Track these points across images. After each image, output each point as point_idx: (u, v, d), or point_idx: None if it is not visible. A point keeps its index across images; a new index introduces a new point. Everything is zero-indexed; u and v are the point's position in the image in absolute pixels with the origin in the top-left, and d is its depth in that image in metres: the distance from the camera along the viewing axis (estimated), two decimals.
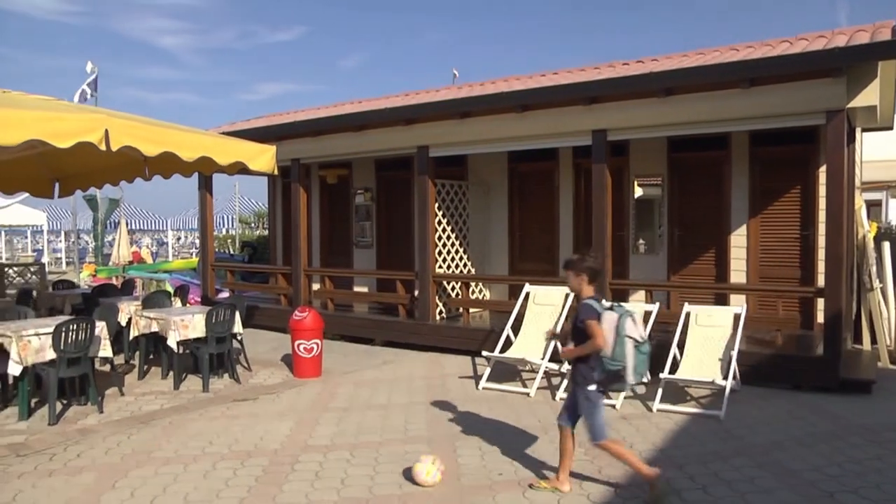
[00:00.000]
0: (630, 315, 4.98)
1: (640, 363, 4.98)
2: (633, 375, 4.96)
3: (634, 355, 4.93)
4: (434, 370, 9.62)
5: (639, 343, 4.95)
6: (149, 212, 35.55)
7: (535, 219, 12.63)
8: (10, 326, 7.57)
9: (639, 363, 4.96)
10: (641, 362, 4.98)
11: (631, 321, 4.94)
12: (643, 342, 4.97)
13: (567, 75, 11.19)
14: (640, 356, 4.96)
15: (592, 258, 5.18)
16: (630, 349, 4.91)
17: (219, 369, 9.16)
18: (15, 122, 6.66)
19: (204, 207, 14.67)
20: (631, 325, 4.93)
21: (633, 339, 4.92)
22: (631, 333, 4.92)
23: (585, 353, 5.00)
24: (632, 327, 4.93)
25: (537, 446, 6.22)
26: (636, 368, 4.95)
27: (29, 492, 5.34)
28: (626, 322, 4.91)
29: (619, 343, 4.89)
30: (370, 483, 5.41)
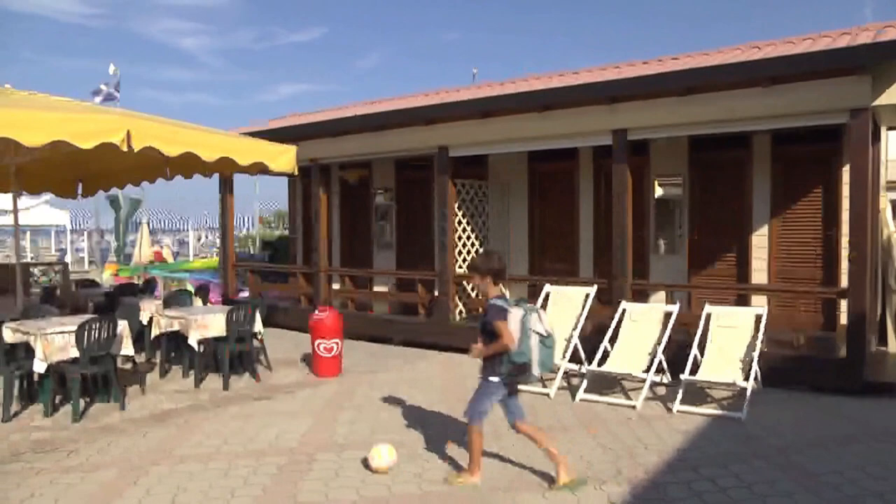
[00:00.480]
0: (535, 311, 5.23)
1: (546, 356, 5.24)
2: (538, 367, 5.23)
3: (539, 349, 5.19)
4: (453, 370, 9.61)
5: (543, 337, 5.21)
6: (170, 212, 35.85)
7: (556, 219, 12.59)
8: (35, 325, 7.67)
9: (544, 356, 5.23)
10: (547, 355, 5.25)
11: (536, 317, 5.20)
12: (548, 336, 5.22)
13: (587, 75, 11.16)
14: (545, 350, 5.23)
15: (496, 259, 5.43)
16: (535, 343, 5.17)
17: (239, 368, 9.22)
18: (39, 124, 6.77)
19: (225, 207, 14.75)
20: (536, 321, 5.19)
21: (538, 333, 5.19)
22: (536, 328, 5.18)
23: (495, 351, 5.21)
24: (537, 323, 5.19)
25: (558, 446, 6.17)
26: (541, 361, 5.21)
27: (52, 487, 5.41)
28: (531, 318, 5.17)
29: (524, 337, 5.13)
30: (389, 482, 5.41)
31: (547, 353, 5.25)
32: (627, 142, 9.40)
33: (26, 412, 7.57)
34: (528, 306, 5.25)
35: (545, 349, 5.23)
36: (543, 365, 5.25)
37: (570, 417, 7.18)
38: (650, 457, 5.90)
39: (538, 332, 5.20)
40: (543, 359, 5.23)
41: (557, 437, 6.47)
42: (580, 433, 6.62)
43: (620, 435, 6.53)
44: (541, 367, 5.25)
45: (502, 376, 5.27)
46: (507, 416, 5.50)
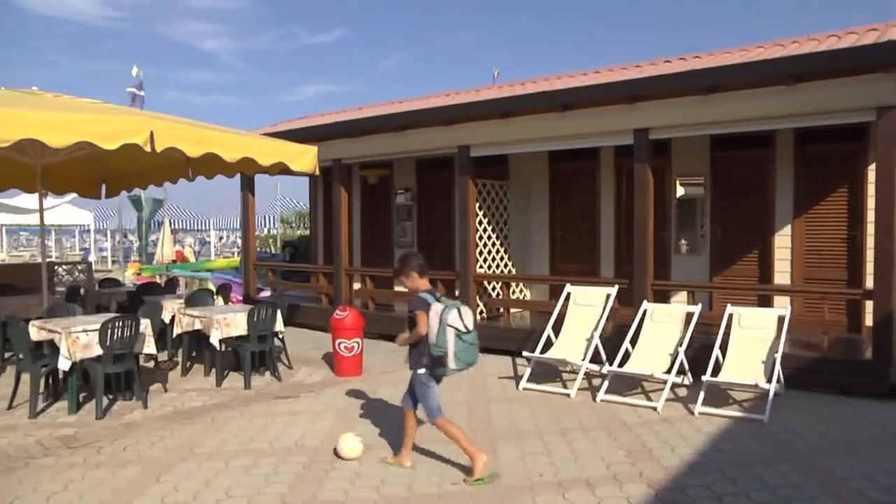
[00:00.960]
0: (456, 307, 5.45)
1: (462, 350, 5.42)
2: (455, 361, 5.42)
3: (455, 343, 5.39)
4: (474, 370, 9.58)
5: (461, 332, 5.41)
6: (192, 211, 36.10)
7: (577, 219, 12.56)
8: (60, 323, 7.79)
9: (460, 350, 5.41)
10: (463, 349, 5.42)
11: (456, 313, 5.41)
12: (466, 332, 5.43)
13: (609, 74, 11.11)
14: (462, 344, 5.41)
15: (415, 257, 5.78)
16: (451, 337, 5.39)
17: (260, 367, 9.28)
18: (64, 125, 6.85)
19: (246, 207, 14.85)
20: (454, 317, 5.40)
21: (454, 328, 5.39)
22: (453, 323, 5.39)
23: (412, 340, 5.56)
24: (455, 318, 5.40)
25: (578, 448, 6.19)
26: (457, 355, 5.41)
27: (80, 482, 5.51)
28: (450, 313, 5.39)
29: (441, 331, 5.37)
30: (409, 482, 5.43)
31: (462, 346, 5.43)
32: (649, 141, 9.36)
33: (52, 409, 7.70)
34: (452, 303, 5.50)
35: (462, 343, 5.42)
36: (461, 359, 5.44)
37: (590, 418, 7.15)
38: (671, 458, 5.87)
39: (455, 327, 5.40)
40: (460, 353, 5.42)
41: (578, 437, 6.47)
42: (600, 433, 6.60)
43: (641, 436, 6.51)
44: (458, 361, 5.44)
45: (426, 368, 5.54)
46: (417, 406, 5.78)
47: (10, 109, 6.76)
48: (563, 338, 8.90)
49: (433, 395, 5.61)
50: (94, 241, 38.71)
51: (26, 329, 7.79)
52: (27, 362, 7.67)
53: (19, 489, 5.38)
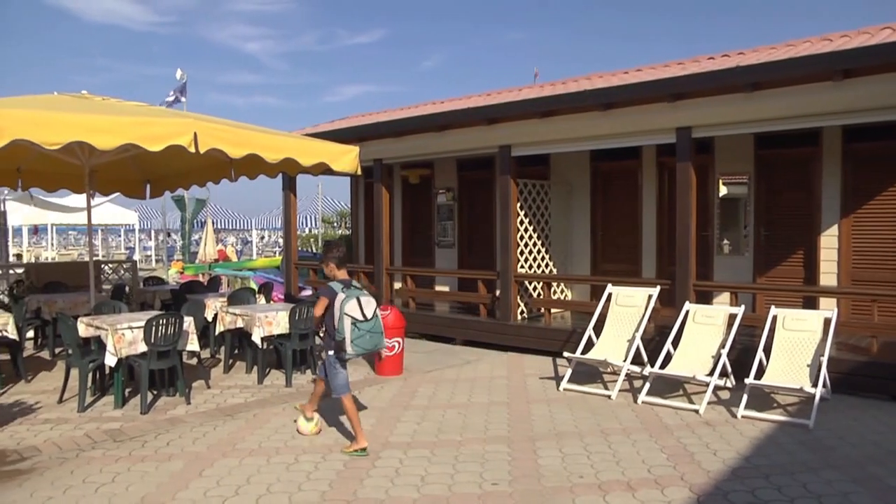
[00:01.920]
0: (356, 297, 5.95)
1: (358, 338, 5.95)
2: (352, 347, 5.96)
3: (352, 330, 5.92)
4: (515, 370, 9.60)
5: (357, 321, 5.93)
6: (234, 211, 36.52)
7: (618, 218, 12.46)
8: (107, 320, 7.98)
9: (356, 337, 5.94)
10: (359, 337, 5.95)
11: (354, 302, 5.93)
12: (364, 320, 5.95)
13: (651, 71, 10.99)
14: (357, 332, 5.94)
15: (335, 248, 6.31)
16: (348, 324, 5.91)
17: (301, 365, 9.36)
18: (111, 128, 7.01)
19: (288, 207, 14.99)
20: (352, 306, 5.92)
21: (351, 316, 5.91)
22: (350, 312, 5.91)
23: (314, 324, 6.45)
24: (352, 307, 5.92)
25: (619, 450, 6.14)
26: (354, 341, 5.94)
27: (125, 475, 5.65)
28: (349, 303, 5.91)
29: (340, 319, 5.91)
30: (450, 482, 5.43)
31: (359, 334, 5.95)
32: (691, 140, 9.26)
33: (99, 403, 7.92)
34: (353, 292, 5.99)
35: (358, 331, 5.93)
36: (357, 346, 5.97)
37: (631, 420, 7.10)
38: (714, 462, 5.79)
39: (351, 316, 5.91)
40: (356, 340, 5.94)
41: (619, 439, 6.43)
42: (641, 436, 6.54)
43: (683, 439, 6.43)
44: (354, 347, 5.96)
45: (333, 350, 6.09)
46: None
47: (61, 113, 6.95)
48: (605, 338, 8.84)
49: (339, 374, 6.16)
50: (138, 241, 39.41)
51: (75, 325, 7.99)
52: (76, 358, 7.87)
53: (70, 479, 5.56)
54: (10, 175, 11.12)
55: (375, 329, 6.06)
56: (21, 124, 6.46)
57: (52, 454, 6.17)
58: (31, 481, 5.52)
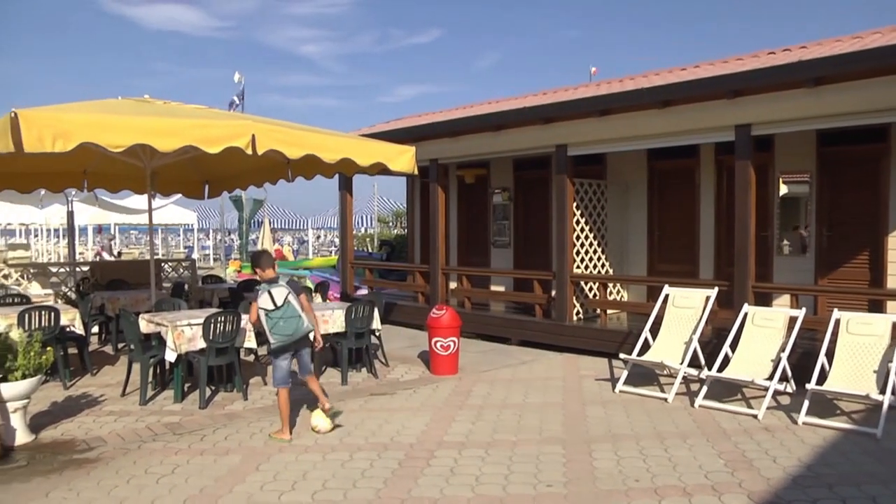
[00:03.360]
0: (267, 291, 6.37)
1: (273, 325, 6.38)
2: (272, 336, 6.42)
3: (266, 320, 6.39)
4: (570, 371, 9.55)
5: (267, 310, 6.36)
6: (290, 211, 36.99)
7: (675, 218, 12.29)
8: (167, 317, 8.21)
9: (271, 326, 6.38)
10: (273, 325, 6.37)
11: (266, 296, 6.37)
12: (273, 309, 6.34)
13: (709, 68, 10.79)
14: (271, 321, 6.37)
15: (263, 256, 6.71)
16: (263, 317, 6.41)
17: (357, 363, 9.44)
18: (172, 131, 7.19)
19: (344, 207, 15.14)
20: (264, 299, 6.36)
21: (263, 309, 6.37)
22: (262, 305, 6.37)
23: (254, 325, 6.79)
24: (264, 300, 6.36)
25: (675, 454, 6.06)
26: (271, 330, 6.39)
27: (184, 467, 5.82)
28: (261, 297, 6.38)
29: (259, 316, 6.42)
30: (504, 482, 5.43)
31: (275, 323, 6.38)
32: (751, 137, 9.06)
33: (160, 397, 8.18)
34: (266, 287, 6.41)
35: (270, 320, 6.37)
36: (275, 333, 6.40)
37: (688, 424, 6.99)
38: (773, 470, 5.66)
39: (263, 308, 6.37)
40: (273, 328, 6.39)
41: (675, 443, 6.33)
42: (698, 440, 6.43)
43: (741, 445, 6.30)
44: (273, 335, 6.42)
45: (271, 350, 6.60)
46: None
47: (124, 117, 7.16)
48: (661, 340, 8.73)
49: (277, 368, 6.58)
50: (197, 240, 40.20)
51: (137, 322, 8.23)
52: (137, 353, 8.12)
53: (133, 469, 5.77)
54: (77, 177, 11.51)
55: (287, 314, 6.40)
56: (87, 128, 6.66)
57: (116, 445, 6.42)
58: (98, 470, 5.77)
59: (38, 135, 6.27)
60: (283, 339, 6.45)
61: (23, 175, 11.02)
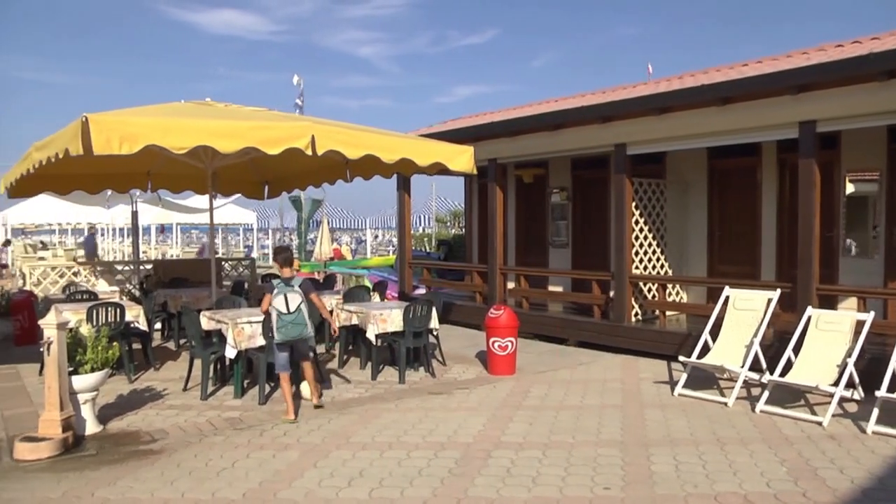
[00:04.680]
0: (283, 294, 7.10)
1: (282, 327, 7.10)
2: (277, 334, 7.12)
3: (277, 320, 7.10)
4: (628, 373, 9.45)
5: (280, 313, 7.08)
6: (349, 211, 37.30)
7: (736, 218, 12.05)
8: (227, 314, 8.37)
9: (280, 326, 7.10)
10: (282, 326, 7.10)
11: (281, 298, 7.09)
12: (287, 313, 7.08)
13: (772, 63, 10.50)
14: (281, 322, 7.10)
15: (283, 252, 7.64)
16: (275, 316, 7.11)
17: (414, 362, 9.49)
18: (233, 132, 7.34)
19: (402, 207, 15.22)
20: (279, 301, 7.09)
21: (276, 309, 7.08)
22: (276, 306, 7.09)
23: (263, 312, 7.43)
24: (279, 302, 7.09)
25: (735, 460, 5.93)
26: (279, 329, 7.11)
27: (244, 461, 5.96)
28: (277, 298, 7.10)
29: (270, 311, 7.15)
30: (561, 484, 5.40)
31: (283, 325, 7.09)
32: (816, 134, 8.81)
33: (220, 392, 8.38)
34: (283, 289, 7.12)
35: (281, 322, 7.08)
36: (281, 333, 7.11)
37: (748, 429, 6.84)
38: (840, 480, 5.45)
39: (277, 309, 7.07)
40: (280, 329, 7.10)
41: (735, 449, 6.20)
42: (760, 446, 6.28)
43: (805, 453, 6.11)
44: (279, 334, 7.12)
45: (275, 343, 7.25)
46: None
47: (187, 120, 7.34)
48: (721, 343, 8.57)
49: (279, 356, 7.30)
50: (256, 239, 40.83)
51: (198, 319, 8.44)
52: (198, 349, 8.33)
53: (195, 462, 5.94)
54: (141, 178, 11.83)
55: (297, 321, 7.15)
56: (152, 131, 6.85)
57: (178, 437, 6.61)
58: (161, 461, 5.95)
59: (107, 138, 6.48)
60: (285, 338, 7.18)
61: (91, 176, 11.40)
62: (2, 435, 6.77)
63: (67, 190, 11.72)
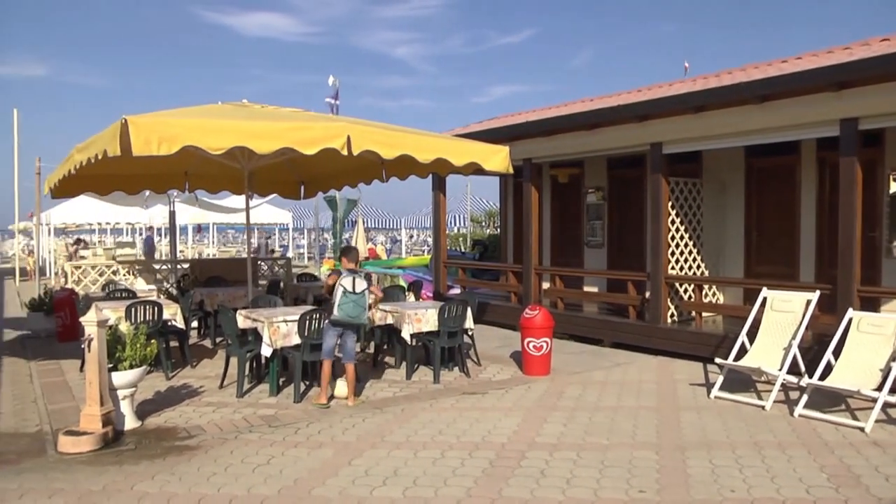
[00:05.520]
0: (352, 276, 7.56)
1: (344, 303, 7.48)
2: (337, 310, 7.52)
3: (340, 297, 7.48)
4: (664, 375, 9.37)
5: (346, 291, 7.49)
6: (384, 211, 37.44)
7: (774, 218, 11.89)
8: (263, 313, 8.45)
9: (343, 303, 7.48)
10: (344, 303, 7.48)
11: (350, 279, 7.54)
12: (351, 292, 7.49)
13: (812, 59, 10.30)
14: (345, 299, 7.48)
15: (350, 250, 8.05)
16: (339, 293, 7.49)
17: (449, 362, 9.50)
18: (269, 133, 7.41)
19: (437, 207, 15.24)
20: (347, 281, 7.53)
21: (343, 287, 7.50)
22: (343, 284, 7.51)
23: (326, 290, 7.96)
24: (347, 282, 7.52)
25: (773, 465, 5.82)
26: (340, 306, 7.49)
27: (279, 458, 6.01)
28: (345, 279, 7.54)
29: (335, 290, 7.55)
30: (595, 486, 5.36)
31: (346, 301, 7.48)
32: (857, 132, 8.63)
33: (255, 390, 8.47)
34: (351, 275, 7.58)
35: (345, 298, 7.47)
36: (341, 310, 7.49)
37: (786, 433, 6.72)
38: (886, 489, 5.27)
39: (343, 286, 7.49)
40: (342, 305, 7.48)
41: (773, 454, 6.08)
42: (798, 452, 6.16)
43: (846, 459, 5.97)
44: (339, 310, 7.50)
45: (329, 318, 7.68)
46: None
47: (224, 121, 7.42)
48: (758, 345, 8.44)
49: (327, 339, 7.69)
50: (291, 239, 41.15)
51: (234, 317, 8.53)
52: (235, 347, 8.42)
53: (230, 458, 6.01)
54: (179, 178, 11.99)
55: (359, 303, 7.53)
56: (190, 132, 6.94)
57: (214, 434, 6.70)
58: (198, 457, 6.04)
59: (146, 139, 6.58)
60: (343, 318, 7.54)
61: (130, 177, 11.59)
62: (46, 428, 6.97)
63: (107, 190, 11.93)
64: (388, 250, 35.78)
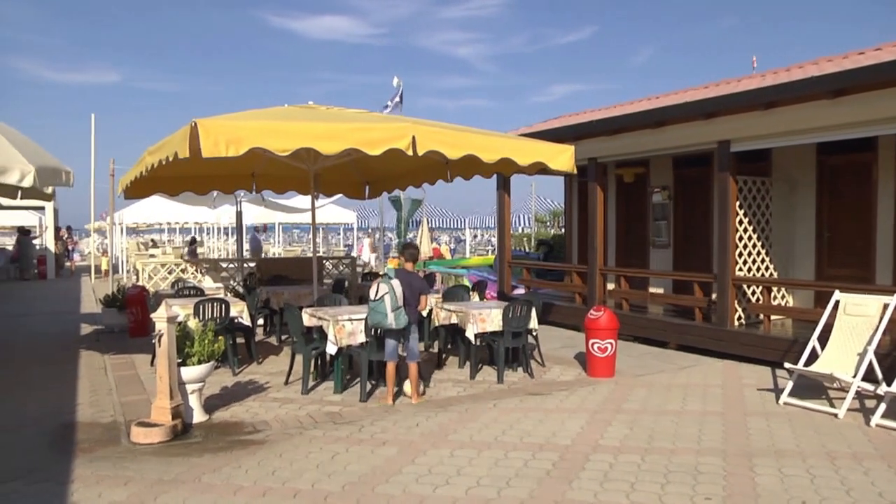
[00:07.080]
0: (377, 283, 7.63)
1: (370, 311, 7.66)
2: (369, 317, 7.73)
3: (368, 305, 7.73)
4: (731, 379, 9.18)
5: (368, 299, 7.71)
6: (448, 211, 37.55)
7: (848, 218, 11.50)
8: (328, 311, 8.58)
9: (369, 312, 7.69)
10: (370, 311, 7.66)
11: (374, 286, 7.62)
12: (371, 300, 7.62)
13: (891, 50, 9.92)
14: (369, 309, 7.69)
15: (410, 248, 8.44)
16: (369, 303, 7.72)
17: (513, 363, 9.49)
18: (335, 134, 7.50)
19: (502, 207, 15.21)
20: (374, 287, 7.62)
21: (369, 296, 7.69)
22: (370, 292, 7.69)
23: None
24: (372, 290, 7.63)
25: (847, 477, 5.61)
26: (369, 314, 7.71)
27: (343, 455, 6.09)
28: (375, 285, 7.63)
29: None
30: (660, 491, 5.29)
31: (370, 311, 7.66)
32: None
33: (320, 387, 8.59)
34: (384, 279, 7.66)
35: (370, 305, 7.65)
36: (371, 317, 7.67)
37: (862, 443, 6.47)
38: None
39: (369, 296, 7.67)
40: (370, 314, 7.68)
41: (847, 465, 5.85)
42: (877, 464, 5.90)
43: None
44: (370, 317, 7.70)
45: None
46: None
47: (290, 123, 7.54)
48: (830, 350, 8.18)
49: (388, 343, 7.81)
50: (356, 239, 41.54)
51: (300, 315, 8.66)
52: (300, 345, 8.55)
53: (295, 453, 6.12)
54: (246, 179, 12.23)
55: (377, 309, 7.55)
56: (257, 134, 7.07)
57: (279, 429, 6.83)
58: (263, 451, 6.17)
59: (214, 141, 6.72)
60: (370, 323, 7.77)
61: (199, 178, 11.86)
62: (120, 419, 7.22)
63: (177, 191, 12.22)
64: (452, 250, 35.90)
